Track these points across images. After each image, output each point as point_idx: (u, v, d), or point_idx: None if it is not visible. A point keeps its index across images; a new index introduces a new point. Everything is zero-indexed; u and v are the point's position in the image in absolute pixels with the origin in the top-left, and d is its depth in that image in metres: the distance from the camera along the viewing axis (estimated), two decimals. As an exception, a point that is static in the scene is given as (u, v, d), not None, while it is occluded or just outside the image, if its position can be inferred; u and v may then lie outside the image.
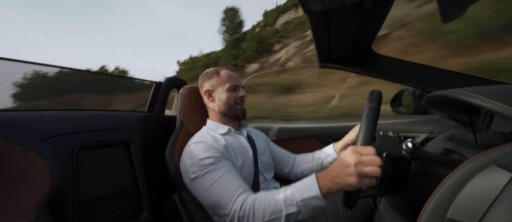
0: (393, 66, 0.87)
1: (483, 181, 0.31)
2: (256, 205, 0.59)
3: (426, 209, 0.35)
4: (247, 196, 0.62)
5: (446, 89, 0.51)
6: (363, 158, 0.48)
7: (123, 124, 0.89)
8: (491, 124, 0.56)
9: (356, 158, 0.49)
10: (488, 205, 0.29)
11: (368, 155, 0.49)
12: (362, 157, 0.49)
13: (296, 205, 0.55)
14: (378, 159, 0.48)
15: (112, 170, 0.78)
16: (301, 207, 0.55)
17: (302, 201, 0.55)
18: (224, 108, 0.85)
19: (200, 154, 0.70)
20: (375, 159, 0.48)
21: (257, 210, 0.58)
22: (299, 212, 0.56)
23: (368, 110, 0.54)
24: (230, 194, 0.63)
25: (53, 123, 0.69)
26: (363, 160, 0.48)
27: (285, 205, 0.56)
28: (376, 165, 0.47)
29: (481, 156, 0.33)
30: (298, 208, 0.55)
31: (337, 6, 0.52)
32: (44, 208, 0.47)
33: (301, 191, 0.56)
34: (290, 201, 0.56)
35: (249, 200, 0.61)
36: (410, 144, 0.53)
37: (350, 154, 0.50)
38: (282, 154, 1.02)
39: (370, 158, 0.48)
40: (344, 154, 0.52)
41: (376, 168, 0.47)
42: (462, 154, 0.56)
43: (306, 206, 0.55)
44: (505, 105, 0.36)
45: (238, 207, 0.60)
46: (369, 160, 0.48)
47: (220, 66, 0.94)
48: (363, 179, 0.47)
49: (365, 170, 0.47)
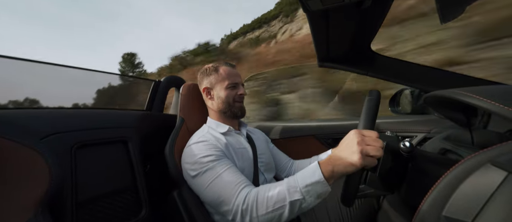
0: (391, 66, 0.87)
1: (479, 179, 0.31)
2: (259, 196, 0.58)
3: (422, 207, 0.35)
4: (250, 190, 0.62)
5: (444, 89, 0.51)
6: (366, 138, 0.50)
7: (121, 122, 0.88)
8: (488, 123, 0.56)
9: (359, 136, 0.50)
10: (483, 203, 0.29)
11: (370, 136, 0.50)
12: (365, 136, 0.50)
13: (300, 192, 0.55)
14: (380, 140, 0.49)
15: (111, 168, 0.78)
16: (305, 193, 0.54)
17: (306, 187, 0.54)
18: (223, 107, 0.84)
19: (201, 152, 0.70)
20: (378, 140, 0.49)
21: (260, 201, 0.58)
22: (303, 199, 0.55)
23: (368, 101, 0.55)
24: (233, 189, 0.62)
25: (51, 121, 0.69)
26: (366, 139, 0.49)
27: (289, 193, 0.56)
28: (379, 145, 0.48)
29: (477, 155, 0.33)
30: (302, 195, 0.55)
31: (336, 5, 0.52)
32: (42, 206, 0.47)
33: (304, 178, 0.56)
34: (293, 188, 0.56)
35: (252, 193, 0.60)
36: (407, 143, 0.53)
37: (352, 134, 0.51)
38: (281, 158, 1.01)
39: (372, 138, 0.49)
40: (346, 136, 0.53)
41: (378, 147, 0.48)
42: (459, 154, 0.56)
43: (309, 192, 0.54)
44: (502, 106, 0.36)
45: (241, 201, 0.59)
46: (371, 139, 0.49)
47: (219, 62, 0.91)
48: (365, 158, 0.48)
49: (368, 149, 0.48)
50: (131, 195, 0.81)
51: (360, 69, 0.90)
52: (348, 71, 0.94)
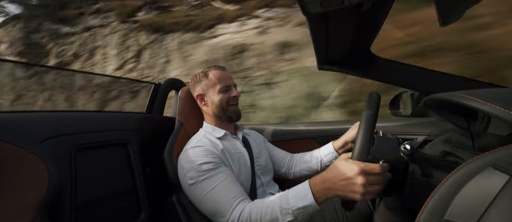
0: (391, 69, 0.87)
1: (481, 183, 0.31)
2: (252, 215, 0.60)
3: (424, 211, 0.35)
4: (245, 206, 0.63)
5: (444, 92, 0.51)
6: (371, 178, 0.48)
7: (121, 125, 0.88)
8: (488, 127, 0.56)
9: (363, 179, 0.47)
10: (485, 207, 0.29)
11: (375, 174, 0.48)
12: (369, 176, 0.48)
13: (292, 214, 0.57)
14: (385, 175, 0.48)
15: (110, 171, 0.78)
16: (297, 215, 0.57)
17: (297, 209, 0.56)
18: (218, 111, 0.84)
19: (198, 159, 0.69)
20: (381, 176, 0.48)
21: (254, 220, 0.60)
22: (295, 219, 0.57)
23: (366, 118, 0.54)
24: (228, 203, 0.63)
25: (50, 124, 0.69)
26: (371, 179, 0.48)
27: (281, 214, 0.57)
28: (383, 183, 0.48)
29: (479, 159, 0.33)
30: (294, 216, 0.57)
31: (336, 8, 0.52)
32: (41, 210, 0.46)
33: (295, 200, 0.57)
34: (285, 211, 0.57)
35: (246, 210, 0.61)
36: (408, 146, 0.53)
37: (356, 173, 0.48)
38: (279, 154, 1.01)
39: (377, 178, 0.48)
40: (345, 167, 0.51)
41: (382, 185, 0.48)
42: (460, 157, 0.56)
43: (302, 213, 0.57)
44: (502, 109, 0.36)
45: (236, 218, 0.61)
46: (376, 179, 0.48)
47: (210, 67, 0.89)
48: (366, 196, 0.48)
49: (370, 189, 0.47)
50: (131, 198, 0.80)
51: (360, 72, 0.90)
52: (348, 74, 0.94)
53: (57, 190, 0.49)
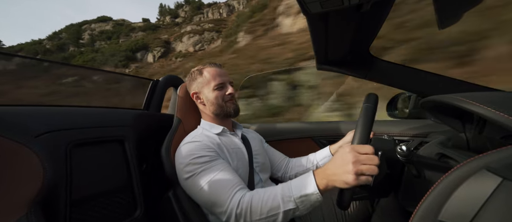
0: (390, 70, 0.87)
1: (474, 185, 0.31)
2: (253, 202, 0.59)
3: (418, 211, 0.35)
4: (245, 193, 0.61)
5: (441, 95, 0.51)
6: (361, 157, 0.49)
7: (118, 121, 0.88)
8: (483, 129, 0.57)
9: (354, 156, 0.49)
10: (478, 208, 0.29)
11: (366, 153, 0.49)
12: (360, 155, 0.49)
13: (294, 202, 0.56)
14: (375, 157, 0.49)
15: (106, 167, 0.77)
16: (299, 203, 0.55)
17: (300, 198, 0.55)
18: (215, 109, 0.82)
19: (195, 152, 0.69)
20: (373, 157, 0.48)
21: (255, 207, 0.58)
22: (296, 208, 0.56)
23: (365, 110, 0.55)
24: (227, 192, 0.62)
25: (46, 119, 0.68)
26: (361, 158, 0.48)
27: (283, 202, 0.56)
28: (374, 164, 0.48)
29: (473, 161, 0.34)
30: (295, 205, 0.56)
31: (336, 8, 0.52)
32: (35, 205, 0.46)
33: (298, 188, 0.56)
34: (287, 198, 0.56)
35: (247, 197, 0.60)
36: (404, 147, 0.53)
37: (347, 152, 0.50)
38: (276, 156, 1.01)
39: (368, 157, 0.49)
40: (341, 152, 0.52)
41: (374, 166, 0.48)
42: (455, 159, 0.56)
43: (303, 202, 0.55)
44: (497, 112, 0.37)
45: (235, 205, 0.59)
46: (367, 158, 0.49)
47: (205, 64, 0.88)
48: (359, 177, 0.48)
49: (363, 168, 0.48)
50: (127, 195, 0.80)
51: (359, 72, 0.90)
52: (347, 74, 0.94)
53: (51, 185, 0.49)
